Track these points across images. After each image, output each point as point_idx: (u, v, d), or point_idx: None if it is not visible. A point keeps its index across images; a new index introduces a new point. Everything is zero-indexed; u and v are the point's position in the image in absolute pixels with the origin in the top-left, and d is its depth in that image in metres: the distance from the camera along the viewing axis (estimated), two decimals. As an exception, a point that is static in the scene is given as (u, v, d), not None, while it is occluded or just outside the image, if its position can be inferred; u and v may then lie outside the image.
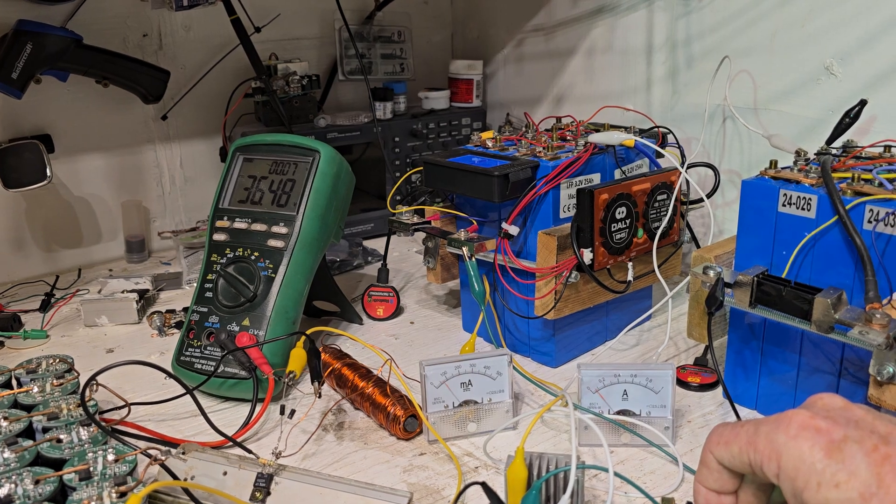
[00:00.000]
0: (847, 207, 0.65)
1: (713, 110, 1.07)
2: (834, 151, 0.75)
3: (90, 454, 0.59)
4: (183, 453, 0.65)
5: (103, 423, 0.64)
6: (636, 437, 0.71)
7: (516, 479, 0.58)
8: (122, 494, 0.55)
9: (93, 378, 0.67)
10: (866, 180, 0.66)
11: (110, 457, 0.59)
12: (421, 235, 0.97)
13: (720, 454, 0.47)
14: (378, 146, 1.32)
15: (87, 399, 0.66)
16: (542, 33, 1.35)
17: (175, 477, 0.60)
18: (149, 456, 0.60)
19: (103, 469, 0.58)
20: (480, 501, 0.63)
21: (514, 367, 0.76)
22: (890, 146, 0.73)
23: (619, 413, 0.71)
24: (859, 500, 0.40)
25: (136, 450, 0.61)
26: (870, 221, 0.65)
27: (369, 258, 1.23)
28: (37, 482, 0.56)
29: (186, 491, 0.58)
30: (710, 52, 1.07)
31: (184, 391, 0.76)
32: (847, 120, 0.81)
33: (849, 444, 0.41)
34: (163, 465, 0.59)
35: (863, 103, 0.82)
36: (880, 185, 0.65)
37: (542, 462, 0.60)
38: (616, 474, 0.59)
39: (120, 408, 0.75)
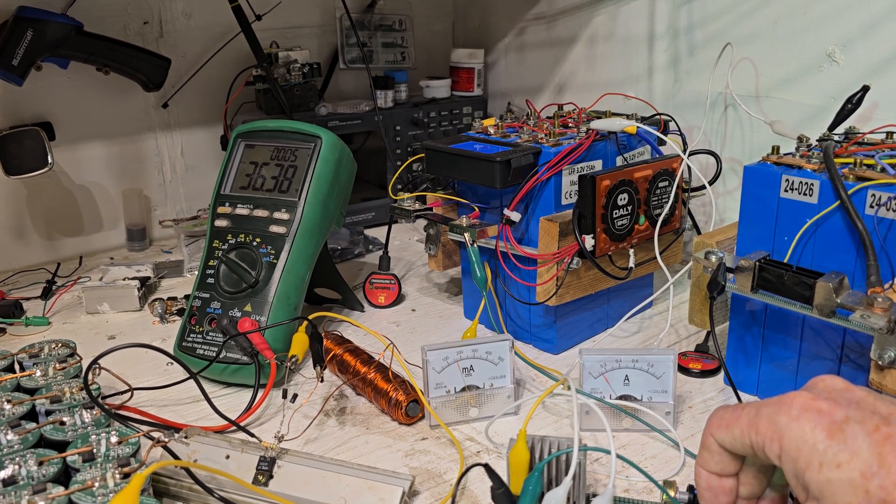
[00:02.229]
0: (849, 192, 0.65)
1: (715, 98, 1.07)
2: (836, 137, 0.75)
3: (93, 436, 0.59)
4: (185, 437, 0.65)
5: (106, 406, 0.64)
6: (637, 422, 0.71)
7: (518, 462, 0.59)
8: (126, 475, 0.55)
9: (96, 361, 0.67)
10: (868, 165, 0.66)
11: (113, 439, 0.59)
12: (422, 224, 0.97)
13: (721, 437, 0.47)
14: (379, 135, 1.31)
15: (89, 382, 0.66)
16: (544, 21, 1.35)
17: (178, 459, 0.60)
18: (152, 438, 0.60)
19: (106, 451, 0.58)
20: (482, 485, 0.63)
21: (515, 353, 0.76)
22: (892, 132, 0.73)
23: (620, 398, 0.72)
24: (860, 480, 0.40)
25: (138, 432, 0.61)
26: (872, 206, 0.65)
27: (370, 246, 1.23)
28: (40, 463, 0.56)
29: (189, 472, 0.58)
30: (711, 39, 1.07)
31: (187, 376, 0.76)
32: (849, 106, 0.81)
33: (850, 424, 0.41)
34: (165, 448, 0.60)
35: (865, 89, 0.82)
36: (882, 169, 0.65)
37: (545, 445, 0.60)
38: (618, 456, 0.59)
39: (123, 392, 0.76)
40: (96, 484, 0.54)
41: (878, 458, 0.40)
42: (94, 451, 0.57)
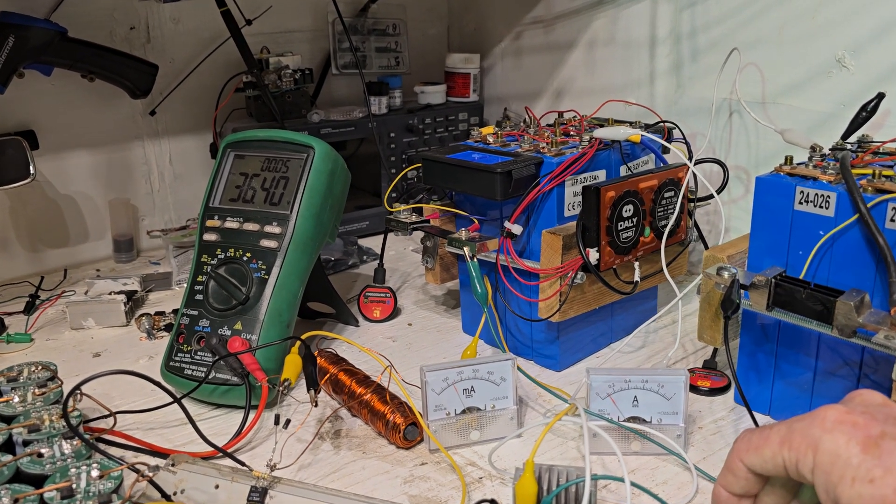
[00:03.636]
0: (869, 206, 0.62)
1: (719, 104, 1.04)
2: (849, 146, 0.73)
3: (73, 470, 0.56)
4: (172, 465, 0.62)
5: (87, 437, 0.61)
6: (647, 445, 0.68)
7: (525, 494, 0.56)
8: (107, 514, 0.51)
9: (76, 389, 0.64)
10: (887, 177, 0.64)
11: (94, 473, 0.55)
12: (419, 234, 0.93)
13: (751, 461, 0.46)
14: (373, 142, 1.28)
15: (70, 409, 0.62)
16: (541, 26, 1.32)
17: (164, 493, 0.57)
18: (136, 471, 0.56)
19: (87, 486, 0.54)
20: (486, 516, 0.60)
21: (519, 371, 0.73)
22: (909, 141, 0.70)
23: (629, 420, 0.69)
24: (893, 497, 0.39)
25: (121, 465, 0.57)
26: (893, 220, 0.62)
27: (365, 257, 1.20)
28: (16, 501, 0.53)
29: (176, 509, 0.55)
30: (715, 44, 1.04)
31: (171, 399, 0.72)
32: (864, 114, 0.79)
33: (886, 440, 0.41)
34: (151, 482, 0.56)
35: (880, 97, 0.79)
36: (902, 181, 0.62)
37: (553, 475, 0.57)
38: (633, 484, 0.56)
39: (106, 416, 0.72)
40: (75, 523, 0.50)
41: None
42: (74, 486, 0.54)
